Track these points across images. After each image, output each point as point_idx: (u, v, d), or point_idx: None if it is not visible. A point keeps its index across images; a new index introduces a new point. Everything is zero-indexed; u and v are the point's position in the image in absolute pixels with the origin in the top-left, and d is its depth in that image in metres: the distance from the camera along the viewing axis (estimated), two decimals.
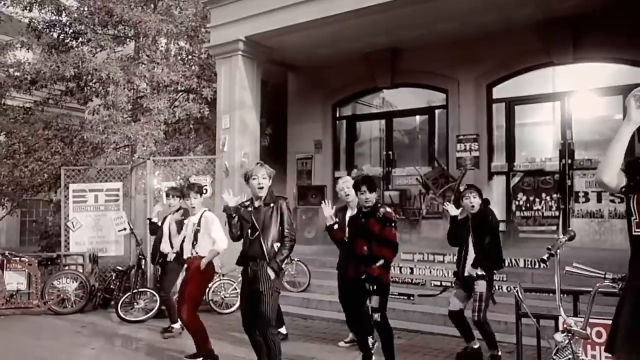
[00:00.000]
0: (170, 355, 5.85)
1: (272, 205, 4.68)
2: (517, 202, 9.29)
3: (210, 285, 7.73)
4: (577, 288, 3.20)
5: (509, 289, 6.99)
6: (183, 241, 5.91)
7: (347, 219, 5.78)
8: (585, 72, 8.95)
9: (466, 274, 5.38)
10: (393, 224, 5.18)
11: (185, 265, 5.83)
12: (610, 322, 2.44)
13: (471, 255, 5.40)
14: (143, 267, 8.39)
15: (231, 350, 5.82)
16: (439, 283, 7.55)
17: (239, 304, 7.73)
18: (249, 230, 4.69)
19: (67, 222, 9.33)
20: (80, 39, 10.81)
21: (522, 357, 3.22)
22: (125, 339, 6.70)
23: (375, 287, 5.02)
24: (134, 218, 9.42)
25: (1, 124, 12.07)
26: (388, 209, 5.22)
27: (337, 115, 11.62)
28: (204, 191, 8.18)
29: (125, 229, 8.94)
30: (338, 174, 11.25)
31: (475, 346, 5.48)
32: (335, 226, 5.49)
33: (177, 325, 6.78)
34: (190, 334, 5.53)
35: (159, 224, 7.22)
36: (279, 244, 4.68)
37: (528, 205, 9.19)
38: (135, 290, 8.00)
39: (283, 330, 6.46)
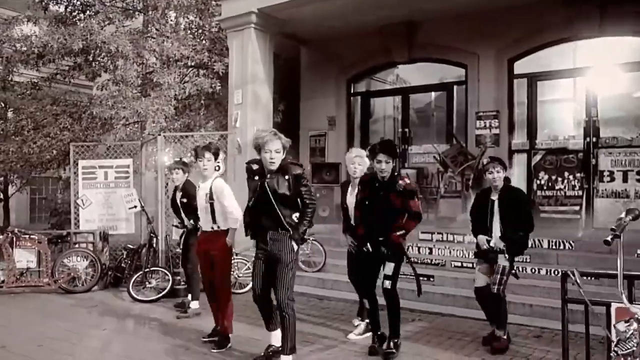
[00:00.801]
0: (185, 337, 5.66)
1: (287, 176, 4.40)
2: (538, 181, 9.01)
3: None
4: (634, 273, 2.91)
5: (533, 270, 6.80)
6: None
7: (349, 194, 5.57)
8: (611, 46, 8.58)
9: (492, 244, 5.12)
10: (416, 195, 4.92)
11: (201, 238, 5.58)
12: None
13: (497, 227, 5.13)
14: (154, 245, 8.22)
15: (247, 332, 5.64)
16: (459, 264, 7.34)
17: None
18: (263, 202, 4.42)
19: (76, 200, 9.15)
20: (88, 12, 10.53)
21: (568, 346, 2.97)
22: (138, 319, 6.53)
23: (390, 253, 4.86)
24: (144, 195, 9.23)
25: (9, 100, 11.92)
26: (407, 180, 4.91)
27: (352, 91, 11.30)
28: (219, 161, 7.90)
29: (135, 207, 8.74)
30: None
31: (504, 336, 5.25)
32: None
33: (195, 305, 6.60)
34: (221, 306, 5.34)
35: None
36: (297, 214, 4.49)
37: (550, 184, 8.90)
38: (147, 269, 7.85)
39: None
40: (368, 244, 4.95)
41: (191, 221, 6.52)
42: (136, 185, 9.22)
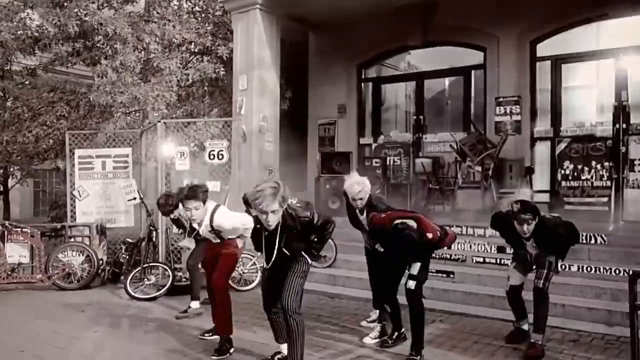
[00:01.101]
0: (184, 340, 5.17)
1: (294, 230, 3.93)
2: (563, 171, 8.40)
3: None
4: None
5: (563, 267, 6.23)
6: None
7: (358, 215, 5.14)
8: None
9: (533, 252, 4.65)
10: (441, 239, 4.54)
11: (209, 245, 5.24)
12: None
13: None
14: (154, 239, 7.74)
15: (250, 335, 5.15)
16: (481, 259, 6.80)
17: (258, 279, 7.12)
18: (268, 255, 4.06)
19: (72, 191, 8.68)
20: None
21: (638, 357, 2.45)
22: (134, 319, 6.00)
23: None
24: (144, 187, 8.73)
25: (7, 89, 11.45)
26: (430, 235, 4.39)
27: (363, 77, 10.75)
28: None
29: (135, 198, 8.25)
30: (363, 141, 10.52)
31: (524, 327, 4.80)
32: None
33: (195, 304, 6.10)
34: (216, 304, 4.96)
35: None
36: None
37: (575, 174, 8.29)
38: (146, 265, 7.39)
39: None
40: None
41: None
42: (136, 175, 8.73)
